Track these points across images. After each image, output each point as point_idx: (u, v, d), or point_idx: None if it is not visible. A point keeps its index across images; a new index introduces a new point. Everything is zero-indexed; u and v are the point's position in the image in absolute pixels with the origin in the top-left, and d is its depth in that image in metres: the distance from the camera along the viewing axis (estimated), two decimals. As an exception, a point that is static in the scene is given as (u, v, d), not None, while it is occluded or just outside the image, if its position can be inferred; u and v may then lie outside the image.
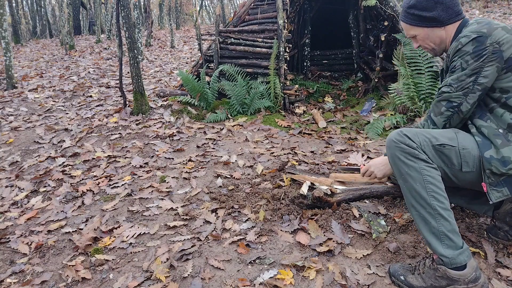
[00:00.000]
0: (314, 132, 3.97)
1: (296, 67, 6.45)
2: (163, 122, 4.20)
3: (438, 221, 1.50)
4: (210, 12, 28.29)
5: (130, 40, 4.17)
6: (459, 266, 1.50)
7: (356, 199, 2.32)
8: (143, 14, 13.31)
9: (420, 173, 1.52)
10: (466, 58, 1.52)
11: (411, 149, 1.54)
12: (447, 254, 1.50)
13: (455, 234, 1.51)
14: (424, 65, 3.94)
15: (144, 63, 8.74)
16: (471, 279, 1.51)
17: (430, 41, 1.72)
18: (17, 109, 4.89)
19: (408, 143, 1.54)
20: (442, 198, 1.52)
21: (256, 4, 5.01)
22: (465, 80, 1.51)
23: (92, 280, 1.92)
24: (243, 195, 2.56)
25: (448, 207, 1.53)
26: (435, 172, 1.54)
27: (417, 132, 1.57)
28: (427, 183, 1.51)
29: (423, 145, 1.55)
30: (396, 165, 1.59)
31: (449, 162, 1.57)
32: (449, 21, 1.65)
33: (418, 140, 1.55)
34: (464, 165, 1.55)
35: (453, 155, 1.55)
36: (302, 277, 1.76)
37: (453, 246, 1.50)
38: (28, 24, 21.32)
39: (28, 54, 10.81)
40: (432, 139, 1.56)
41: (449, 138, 1.57)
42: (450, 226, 1.51)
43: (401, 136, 1.57)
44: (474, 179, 1.59)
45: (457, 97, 1.53)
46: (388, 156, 1.63)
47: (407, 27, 1.75)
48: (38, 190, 2.97)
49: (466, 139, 1.58)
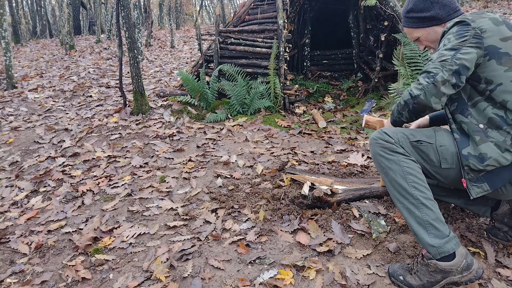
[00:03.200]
0: (314, 132, 3.98)
1: (296, 67, 6.45)
2: (163, 122, 4.20)
3: (422, 210, 1.54)
4: (210, 12, 28.29)
5: (130, 40, 4.17)
6: (447, 255, 1.51)
7: (356, 199, 2.32)
8: (143, 14, 13.32)
9: (399, 165, 1.60)
10: (449, 37, 1.54)
11: (389, 144, 1.63)
12: (434, 243, 1.51)
13: (440, 223, 1.53)
14: (424, 65, 3.94)
15: (144, 63, 8.74)
16: (463, 267, 1.51)
17: (433, 40, 1.74)
18: (17, 109, 4.89)
19: (386, 139, 1.64)
20: (423, 188, 1.57)
21: (256, 4, 5.01)
22: (444, 53, 1.50)
23: (92, 280, 1.92)
24: (243, 195, 2.56)
25: (430, 197, 1.57)
26: (413, 164, 1.60)
27: (396, 130, 1.67)
28: (407, 174, 1.58)
29: (401, 141, 1.63)
30: (377, 160, 1.67)
31: (428, 158, 1.62)
32: (447, 18, 1.68)
33: (396, 136, 1.64)
34: (443, 161, 1.60)
35: (430, 151, 1.61)
36: (302, 277, 1.76)
37: (439, 235, 1.52)
38: (28, 24, 21.31)
39: (28, 54, 10.81)
40: (410, 136, 1.64)
41: (426, 135, 1.64)
42: (434, 215, 1.53)
43: (380, 133, 1.67)
44: (456, 175, 1.61)
45: (435, 67, 1.49)
46: (371, 153, 1.71)
47: (410, 31, 1.79)
48: (38, 190, 2.97)
49: (444, 136, 1.63)
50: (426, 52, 3.96)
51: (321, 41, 6.71)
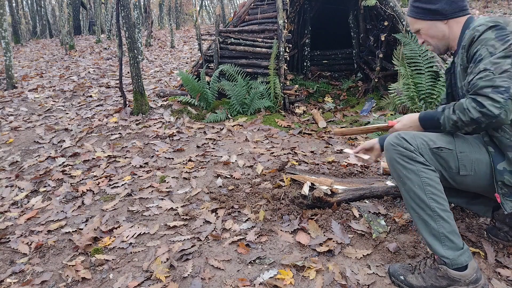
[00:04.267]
0: (314, 132, 3.97)
1: (296, 67, 6.45)
2: (163, 122, 4.20)
3: (438, 222, 1.50)
4: (210, 12, 28.29)
5: (130, 40, 4.17)
6: (460, 266, 1.50)
7: (356, 199, 2.32)
8: (143, 14, 13.32)
9: (418, 175, 1.52)
10: (491, 43, 1.42)
11: (408, 152, 1.53)
12: (448, 255, 1.50)
13: (455, 235, 1.51)
14: (424, 65, 3.94)
15: (144, 63, 8.74)
16: (471, 280, 1.51)
17: (432, 36, 1.69)
18: (17, 109, 4.89)
19: (405, 146, 1.54)
20: (441, 199, 1.52)
21: (256, 4, 5.01)
22: (501, 62, 1.37)
23: (92, 280, 1.92)
24: (243, 195, 2.56)
25: (447, 208, 1.53)
26: (433, 174, 1.53)
27: (414, 135, 1.56)
28: (426, 185, 1.51)
29: (421, 148, 1.54)
30: (394, 168, 1.58)
31: (447, 165, 1.56)
32: (452, 15, 1.63)
33: (415, 143, 1.54)
34: (462, 168, 1.55)
35: (450, 158, 1.55)
36: (302, 277, 1.76)
37: (454, 247, 1.50)
38: (28, 24, 21.31)
39: (28, 54, 10.81)
40: (429, 142, 1.55)
41: (446, 141, 1.56)
42: (450, 227, 1.50)
43: (398, 139, 1.55)
44: (473, 182, 1.58)
45: (503, 80, 1.34)
46: (387, 159, 1.62)
47: (412, 21, 1.73)
48: (38, 190, 2.97)
49: (464, 142, 1.57)
50: (426, 52, 3.96)
51: (321, 41, 6.71)
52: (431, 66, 3.92)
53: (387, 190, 2.32)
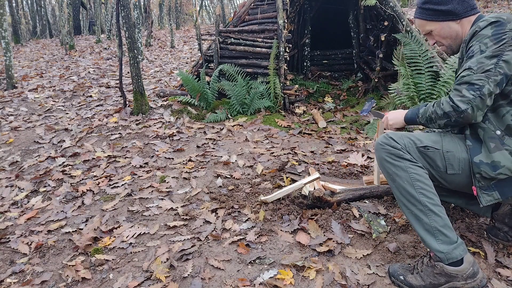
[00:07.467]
0: (314, 132, 3.97)
1: (296, 67, 6.45)
2: (163, 122, 4.20)
3: (430, 217, 1.52)
4: (210, 12, 28.29)
5: (130, 40, 4.17)
6: (455, 261, 1.51)
7: (356, 199, 2.32)
8: (143, 14, 13.32)
9: (407, 171, 1.56)
10: (485, 41, 1.45)
11: (396, 150, 1.59)
12: (442, 249, 1.51)
13: (448, 229, 1.52)
14: (424, 65, 3.94)
15: (144, 63, 8.74)
16: (469, 274, 1.51)
17: (445, 36, 1.68)
18: (17, 109, 4.89)
19: (393, 145, 1.60)
20: (431, 194, 1.54)
21: (256, 4, 5.01)
22: (485, 62, 1.42)
23: (92, 280, 1.92)
24: (243, 195, 2.56)
25: (438, 203, 1.55)
26: (421, 170, 1.57)
27: (402, 135, 1.62)
28: (414, 181, 1.55)
29: (408, 147, 1.59)
30: (384, 166, 1.63)
31: (434, 164, 1.59)
32: (464, 14, 1.62)
33: (402, 142, 1.60)
34: (449, 167, 1.57)
35: (437, 157, 1.58)
36: (302, 277, 1.76)
37: (447, 241, 1.51)
38: (28, 24, 21.31)
39: (28, 54, 10.80)
40: (416, 141, 1.60)
41: (433, 141, 1.60)
42: (442, 221, 1.52)
43: (386, 139, 1.63)
44: (462, 181, 1.59)
45: (479, 79, 1.41)
46: (376, 158, 1.67)
47: (423, 23, 1.71)
48: (38, 190, 2.97)
49: (451, 142, 1.59)
50: (426, 52, 3.96)
51: (321, 41, 6.71)
52: (431, 66, 3.92)
53: (387, 190, 2.32)
